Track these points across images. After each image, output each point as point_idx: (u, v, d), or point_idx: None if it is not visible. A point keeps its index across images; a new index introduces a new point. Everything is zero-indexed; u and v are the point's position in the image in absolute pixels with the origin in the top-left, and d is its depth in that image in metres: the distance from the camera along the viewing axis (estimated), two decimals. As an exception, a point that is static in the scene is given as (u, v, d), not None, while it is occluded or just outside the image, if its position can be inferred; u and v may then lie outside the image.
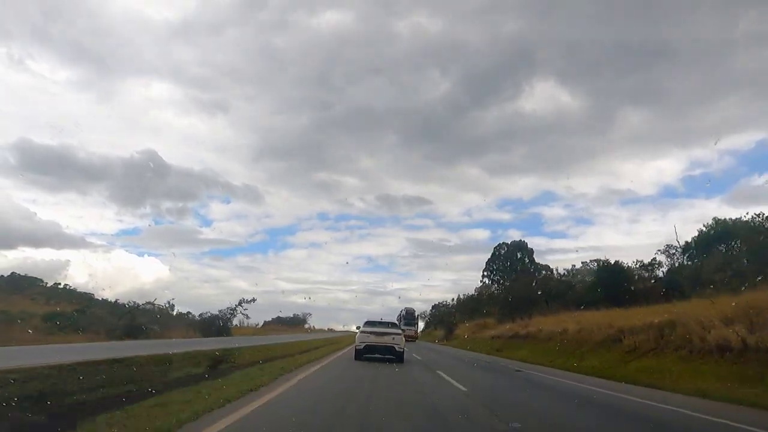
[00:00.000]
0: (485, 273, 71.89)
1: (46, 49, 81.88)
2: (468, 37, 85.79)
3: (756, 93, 62.33)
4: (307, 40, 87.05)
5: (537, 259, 66.02)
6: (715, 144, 78.06)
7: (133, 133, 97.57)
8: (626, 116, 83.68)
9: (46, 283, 45.22)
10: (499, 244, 69.85)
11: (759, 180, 71.83)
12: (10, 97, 78.36)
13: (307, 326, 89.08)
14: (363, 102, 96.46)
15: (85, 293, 51.69)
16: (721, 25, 65.52)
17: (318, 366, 15.44)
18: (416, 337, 59.08)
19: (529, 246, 67.65)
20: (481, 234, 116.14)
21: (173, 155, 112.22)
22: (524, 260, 66.57)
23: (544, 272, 55.86)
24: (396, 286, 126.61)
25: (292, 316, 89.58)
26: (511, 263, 68.67)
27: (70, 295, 46.54)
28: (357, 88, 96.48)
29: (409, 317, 58.93)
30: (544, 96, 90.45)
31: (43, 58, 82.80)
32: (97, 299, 52.75)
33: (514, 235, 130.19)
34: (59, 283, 45.68)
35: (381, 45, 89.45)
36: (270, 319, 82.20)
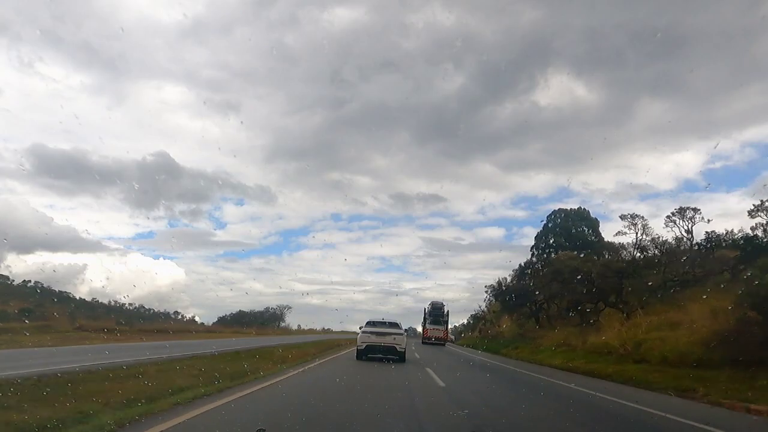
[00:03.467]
0: (534, 251, 60.69)
1: (57, 52, 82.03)
2: (482, 29, 79.72)
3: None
4: (318, 36, 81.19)
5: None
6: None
7: (146, 136, 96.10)
8: (644, 108, 76.95)
9: (12, 281, 38.15)
10: (555, 211, 56.84)
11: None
12: (22, 101, 78.10)
13: (284, 325, 71.41)
14: (375, 99, 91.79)
15: (62, 292, 44.66)
16: (741, 11, 58.58)
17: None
18: (446, 340, 47.69)
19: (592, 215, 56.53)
20: (496, 232, 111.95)
21: (186, 157, 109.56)
22: (584, 232, 55.76)
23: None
24: (410, 285, 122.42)
25: (263, 310, 72.99)
26: (569, 238, 57.61)
27: (44, 293, 39.78)
28: (369, 85, 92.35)
29: (436, 313, 47.06)
30: (559, 89, 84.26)
31: (55, 62, 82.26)
32: (74, 298, 45.53)
33: (528, 233, 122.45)
34: (29, 281, 38.80)
35: (394, 39, 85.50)
36: (227, 315, 67.70)
